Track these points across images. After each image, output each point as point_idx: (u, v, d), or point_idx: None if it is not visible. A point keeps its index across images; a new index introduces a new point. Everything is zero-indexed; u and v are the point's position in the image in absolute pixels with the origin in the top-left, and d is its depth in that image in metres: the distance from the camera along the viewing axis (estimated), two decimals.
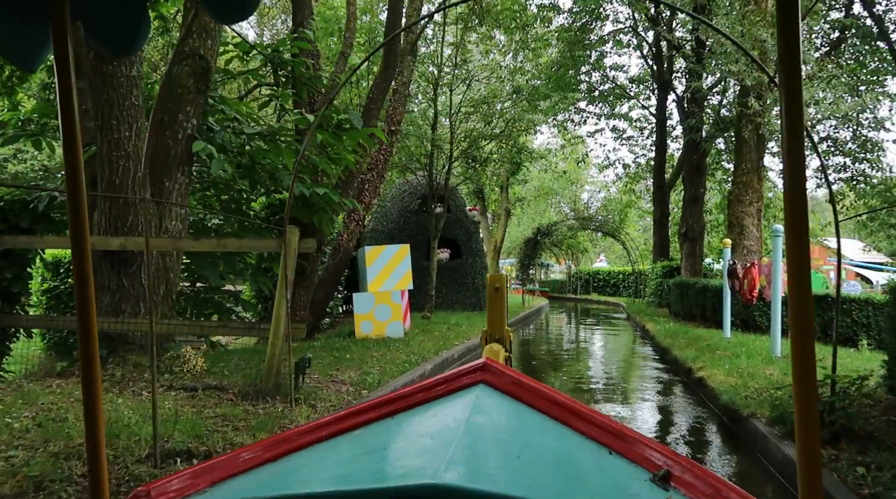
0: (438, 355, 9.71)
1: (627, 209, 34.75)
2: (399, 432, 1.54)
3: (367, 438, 1.54)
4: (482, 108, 16.98)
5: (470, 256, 20.20)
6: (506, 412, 1.59)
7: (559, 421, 1.57)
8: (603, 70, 24.70)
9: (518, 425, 1.54)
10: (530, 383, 1.67)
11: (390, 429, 1.57)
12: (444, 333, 12.96)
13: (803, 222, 0.91)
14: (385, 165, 13.62)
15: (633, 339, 15.74)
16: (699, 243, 20.93)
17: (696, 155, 20.50)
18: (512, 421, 1.55)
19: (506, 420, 1.54)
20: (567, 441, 1.50)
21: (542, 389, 1.65)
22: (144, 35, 1.27)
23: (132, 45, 1.27)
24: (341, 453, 1.48)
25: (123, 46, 1.29)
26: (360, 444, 1.51)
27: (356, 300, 11.85)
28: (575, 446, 1.49)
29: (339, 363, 8.49)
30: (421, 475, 1.15)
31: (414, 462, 1.27)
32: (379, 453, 1.42)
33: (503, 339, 3.30)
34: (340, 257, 12.84)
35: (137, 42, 1.27)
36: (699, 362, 8.74)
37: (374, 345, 10.47)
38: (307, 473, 1.40)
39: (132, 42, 1.26)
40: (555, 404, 1.60)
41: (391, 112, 13.77)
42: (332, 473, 1.37)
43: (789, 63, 0.92)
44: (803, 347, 0.92)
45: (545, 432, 1.53)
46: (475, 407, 1.54)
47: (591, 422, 1.54)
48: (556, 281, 44.35)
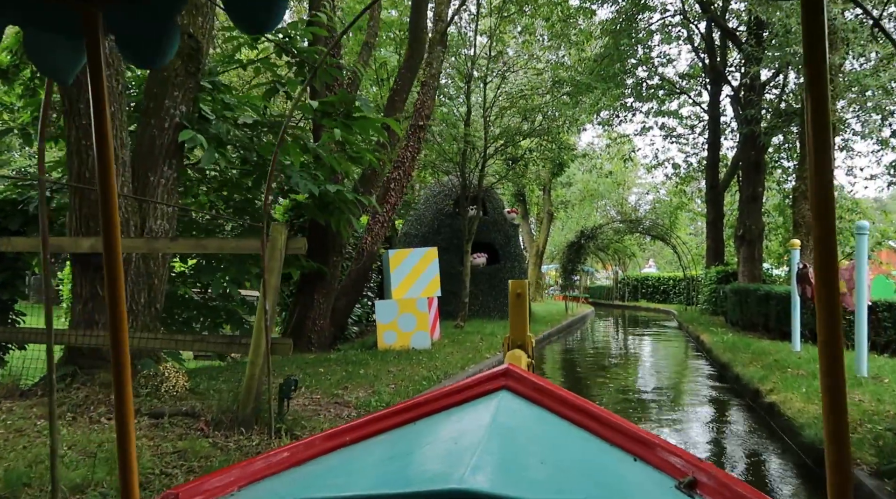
0: (464, 370, 8.66)
1: (678, 211, 32.90)
2: (423, 437, 1.56)
3: (391, 443, 1.57)
4: (519, 103, 15.86)
5: (508, 261, 19.07)
6: (529, 418, 1.60)
7: (583, 427, 1.57)
8: (650, 65, 23.24)
9: (541, 431, 1.56)
10: (553, 389, 1.67)
11: (414, 434, 1.59)
12: (476, 344, 11.90)
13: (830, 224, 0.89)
14: (412, 164, 12.68)
15: (687, 351, 14.32)
16: (758, 246, 19.28)
17: (754, 151, 18.88)
18: (535, 427, 1.57)
19: (529, 426, 1.56)
20: (591, 447, 1.51)
21: (565, 394, 1.65)
22: (174, 47, 1.29)
23: (162, 56, 1.28)
24: (366, 458, 1.50)
25: (154, 58, 1.29)
26: (385, 449, 1.53)
27: (378, 308, 10.91)
28: (599, 453, 1.49)
29: (349, 380, 7.54)
30: (445, 481, 1.14)
31: (438, 467, 1.27)
32: (403, 458, 1.44)
33: (525, 345, 3.35)
34: (364, 262, 11.94)
35: (167, 54, 1.28)
36: (768, 383, 7.42)
37: (395, 358, 9.50)
38: (333, 477, 1.42)
39: (162, 54, 1.27)
40: (578, 410, 1.60)
41: (419, 106, 12.83)
42: (357, 477, 1.37)
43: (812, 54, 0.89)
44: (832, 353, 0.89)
45: (569, 438, 1.54)
46: (498, 412, 1.55)
47: (615, 428, 1.53)
48: (602, 287, 42.68)
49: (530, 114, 15.48)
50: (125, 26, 1.25)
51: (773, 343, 11.44)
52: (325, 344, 11.27)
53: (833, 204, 0.89)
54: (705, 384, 9.52)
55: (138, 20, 1.24)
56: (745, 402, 7.82)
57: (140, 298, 6.10)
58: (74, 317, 5.95)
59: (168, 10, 1.23)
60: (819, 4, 0.88)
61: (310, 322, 10.99)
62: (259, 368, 4.85)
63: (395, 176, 12.31)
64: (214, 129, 7.01)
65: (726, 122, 24.92)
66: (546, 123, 15.88)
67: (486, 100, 14.93)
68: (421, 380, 7.72)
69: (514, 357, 3.07)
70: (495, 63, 15.58)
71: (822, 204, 0.88)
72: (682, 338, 17.28)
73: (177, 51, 1.29)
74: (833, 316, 0.88)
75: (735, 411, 7.63)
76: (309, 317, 11.01)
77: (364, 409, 6.11)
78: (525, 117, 15.57)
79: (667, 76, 24.98)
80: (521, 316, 3.38)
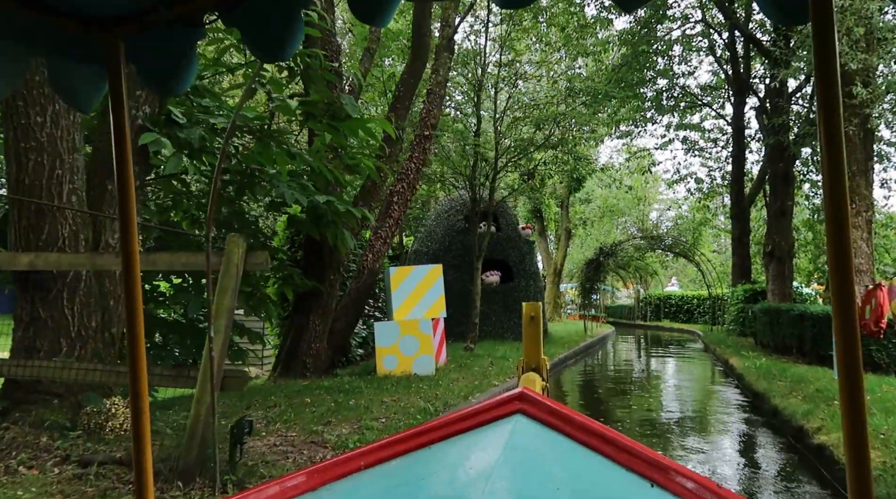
0: (467, 401, 7.79)
1: (701, 228, 31.71)
2: (436, 463, 1.56)
3: (405, 468, 1.57)
4: (533, 114, 15.06)
5: (523, 279, 18.17)
6: (544, 443, 1.60)
7: (599, 452, 1.55)
8: (671, 75, 22.38)
9: (556, 456, 1.55)
10: (568, 413, 1.66)
11: (427, 460, 1.59)
12: (485, 369, 11.01)
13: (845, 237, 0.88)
14: (417, 176, 11.93)
15: (715, 377, 13.25)
16: (788, 263, 18.19)
17: (783, 162, 17.87)
18: (550, 452, 1.57)
19: (544, 451, 1.56)
20: (607, 473, 1.49)
21: (581, 419, 1.64)
22: (192, 75, 1.32)
23: (181, 84, 1.31)
24: (380, 484, 1.50)
25: (172, 86, 1.32)
26: (399, 474, 1.54)
27: (378, 331, 10.10)
28: (615, 479, 1.48)
29: (336, 413, 6.72)
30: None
31: (452, 495, 1.31)
32: (417, 484, 1.44)
33: (539, 367, 3.36)
34: (365, 280, 11.16)
35: (186, 82, 1.32)
36: (814, 420, 6.45)
37: (393, 386, 8.66)
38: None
39: (180, 81, 1.30)
40: (594, 435, 1.58)
41: (425, 115, 12.12)
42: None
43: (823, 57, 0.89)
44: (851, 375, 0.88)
45: (584, 464, 1.53)
46: (512, 438, 1.56)
47: (632, 453, 1.52)
48: (623, 306, 41.40)
49: (544, 124, 14.67)
50: (145, 56, 1.31)
51: (811, 369, 10.39)
52: (322, 369, 10.47)
53: (847, 222, 0.87)
54: (738, 418, 8.50)
55: (158, 50, 1.29)
56: (787, 441, 6.81)
57: (90, 322, 5.36)
58: (15, 343, 5.23)
59: (186, 41, 1.28)
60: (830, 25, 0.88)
61: (304, 345, 10.22)
62: (206, 406, 4.06)
63: (399, 189, 11.57)
64: (185, 134, 6.31)
65: (750, 135, 24.00)
66: (561, 134, 15.04)
67: (497, 109, 14.16)
68: (416, 412, 6.87)
69: (528, 380, 3.05)
70: (507, 71, 14.82)
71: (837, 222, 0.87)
72: (709, 361, 16.18)
73: None
74: (851, 338, 0.87)
75: (776, 452, 6.62)
76: (304, 339, 10.24)
77: (343, 450, 5.27)
78: (539, 127, 14.76)
79: (688, 88, 24.12)
80: (534, 339, 3.38)
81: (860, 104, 11.56)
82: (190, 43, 1.26)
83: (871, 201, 12.34)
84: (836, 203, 0.87)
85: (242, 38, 1.14)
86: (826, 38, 0.88)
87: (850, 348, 0.86)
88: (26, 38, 1.18)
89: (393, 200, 11.51)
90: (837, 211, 0.87)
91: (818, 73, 0.88)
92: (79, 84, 1.31)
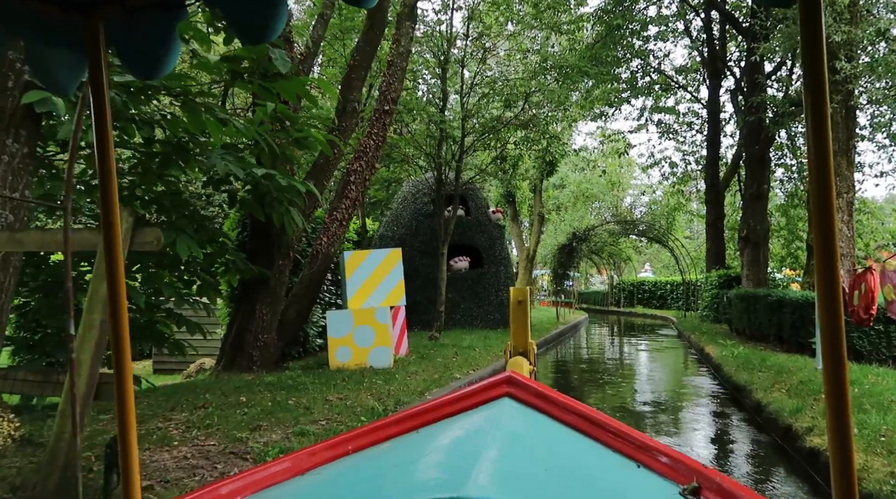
0: (422, 397, 7.05)
1: (675, 213, 31.32)
2: (425, 445, 1.56)
3: (394, 451, 1.56)
4: (503, 91, 14.25)
5: (493, 265, 17.48)
6: (531, 426, 1.60)
7: (586, 434, 1.56)
8: (646, 57, 21.75)
9: (544, 439, 1.55)
10: (556, 396, 1.66)
11: (416, 443, 1.58)
12: (450, 359, 10.30)
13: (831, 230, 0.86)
14: (377, 153, 11.07)
15: (690, 367, 12.71)
16: (763, 248, 17.76)
17: (759, 144, 17.36)
18: (538, 434, 1.57)
19: (532, 434, 1.57)
20: (594, 454, 1.50)
21: (568, 402, 1.64)
22: (174, 59, 1.29)
23: (162, 68, 1.29)
24: (369, 467, 1.49)
25: (154, 70, 1.29)
26: (388, 457, 1.51)
27: (330, 321, 9.29)
28: (602, 460, 1.48)
29: (270, 415, 5.93)
30: (449, 489, 1.14)
31: (442, 476, 1.27)
32: (407, 467, 1.42)
33: (527, 352, 3.40)
34: (319, 266, 10.31)
35: (168, 66, 1.29)
36: (804, 418, 5.82)
37: (343, 381, 7.89)
38: (335, 486, 1.41)
39: (162, 65, 1.28)
40: (581, 417, 1.59)
41: (385, 88, 11.25)
42: (359, 487, 1.38)
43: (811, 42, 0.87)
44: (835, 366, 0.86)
45: (572, 446, 1.53)
46: (500, 420, 1.56)
47: (619, 434, 1.53)
48: (597, 292, 41.12)
49: (514, 101, 13.89)
50: (125, 38, 1.27)
51: (791, 358, 9.88)
52: (271, 361, 9.64)
53: (833, 206, 0.86)
54: (718, 415, 7.87)
55: (138, 32, 1.26)
56: (775, 441, 6.16)
57: None
58: None
59: (167, 22, 1.24)
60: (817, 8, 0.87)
61: (250, 337, 9.37)
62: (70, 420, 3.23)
63: (356, 167, 10.72)
64: None
65: (725, 119, 23.59)
66: (532, 111, 14.28)
67: (464, 84, 13.33)
68: (363, 412, 6.11)
69: (516, 365, 3.06)
70: (475, 43, 13.99)
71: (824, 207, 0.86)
72: (685, 349, 15.68)
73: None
74: (835, 325, 0.86)
75: (766, 457, 5.94)
76: (250, 330, 9.38)
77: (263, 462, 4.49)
78: (508, 106, 13.97)
79: (663, 70, 23.58)
80: (522, 323, 3.41)
81: (843, 80, 10.99)
82: (171, 25, 1.22)
83: (853, 182, 11.83)
84: (823, 186, 0.85)
85: (225, 20, 1.21)
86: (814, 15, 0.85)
87: (835, 337, 0.85)
88: (4, 21, 1.16)
89: (350, 179, 10.66)
90: (823, 194, 0.85)
91: (805, 47, 0.86)
92: (58, 67, 1.29)
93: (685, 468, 1.38)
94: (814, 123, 0.86)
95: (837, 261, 0.87)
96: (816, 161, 0.86)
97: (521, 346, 3.40)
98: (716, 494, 1.31)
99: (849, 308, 7.34)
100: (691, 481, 1.35)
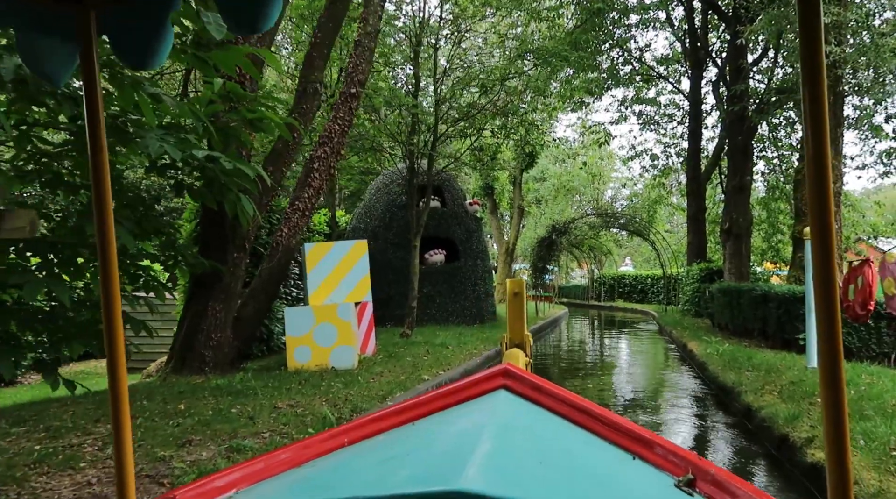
0: (384, 402, 6.41)
1: (656, 206, 30.92)
2: (421, 437, 1.55)
3: (390, 443, 1.55)
4: (479, 77, 13.59)
5: (470, 259, 16.86)
6: (527, 417, 1.59)
7: (582, 426, 1.56)
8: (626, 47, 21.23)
9: (540, 431, 1.54)
10: (552, 388, 1.67)
11: (412, 435, 1.57)
12: (420, 359, 9.67)
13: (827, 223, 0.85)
14: (342, 139, 10.37)
15: (673, 364, 12.22)
16: (746, 241, 17.33)
17: (742, 135, 16.89)
18: (534, 426, 1.55)
19: (528, 425, 1.55)
20: (590, 446, 1.50)
21: (564, 394, 1.65)
22: (167, 48, 1.29)
23: (155, 58, 1.28)
24: (365, 459, 1.48)
25: (147, 59, 1.29)
26: (384, 449, 1.51)
27: (288, 318, 8.61)
28: (598, 452, 1.48)
29: (207, 426, 5.25)
30: (443, 482, 1.13)
31: (437, 468, 1.25)
32: (402, 458, 1.41)
33: (523, 344, 3.44)
34: (279, 259, 9.60)
35: (161, 55, 1.28)
36: (801, 426, 5.26)
37: (299, 384, 7.23)
38: (330, 478, 1.39)
39: (155, 55, 1.27)
40: (577, 409, 1.60)
41: (352, 70, 10.53)
42: (356, 479, 1.35)
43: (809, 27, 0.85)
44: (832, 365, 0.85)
45: (568, 438, 1.52)
46: (496, 412, 1.54)
47: (614, 427, 1.53)
48: (577, 286, 40.73)
49: (491, 87, 13.25)
50: (118, 27, 1.27)
51: (778, 355, 9.39)
52: (226, 362, 8.93)
53: (830, 197, 0.84)
54: (706, 420, 7.31)
55: (130, 21, 1.25)
56: (768, 452, 5.56)
57: None
58: None
59: (160, 11, 1.23)
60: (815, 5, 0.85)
61: (202, 336, 8.66)
62: None
63: (320, 154, 10.01)
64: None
65: (706, 110, 23.22)
66: (510, 98, 13.65)
67: (437, 67, 12.67)
68: (313, 422, 5.45)
69: (512, 356, 3.14)
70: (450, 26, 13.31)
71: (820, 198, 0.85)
72: (666, 344, 15.21)
73: None
74: (831, 321, 0.85)
75: (763, 473, 5.33)
76: (202, 329, 8.67)
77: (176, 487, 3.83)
78: (485, 91, 13.33)
79: (644, 61, 23.10)
80: (519, 315, 3.47)
81: (832, 64, 10.52)
82: (164, 14, 1.21)
83: (840, 172, 11.39)
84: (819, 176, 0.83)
85: (219, 10, 1.10)
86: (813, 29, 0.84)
87: (831, 334, 0.84)
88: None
89: (313, 166, 9.95)
90: (820, 185, 0.84)
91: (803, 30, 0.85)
92: (50, 57, 1.26)
93: (680, 460, 1.39)
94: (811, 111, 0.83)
95: (834, 255, 0.84)
96: (814, 152, 0.83)
97: (518, 338, 3.41)
98: (711, 485, 1.32)
99: (843, 304, 6.83)
100: (686, 472, 1.36)
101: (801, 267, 12.02)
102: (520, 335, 3.42)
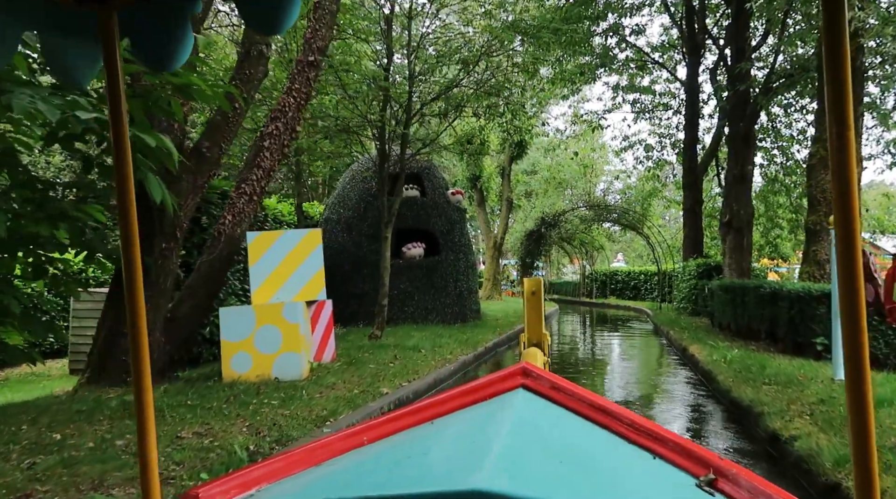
0: (320, 430, 5.12)
1: (651, 198, 29.72)
2: (439, 437, 1.53)
3: (408, 442, 1.54)
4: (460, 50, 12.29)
5: (451, 253, 15.60)
6: (547, 417, 1.58)
7: (601, 425, 1.55)
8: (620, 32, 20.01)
9: (559, 430, 1.53)
10: (570, 387, 1.65)
11: (432, 433, 1.57)
12: (385, 365, 8.40)
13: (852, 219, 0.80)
14: (298, 114, 9.05)
15: (671, 372, 10.99)
16: (747, 235, 16.12)
17: (744, 121, 15.67)
18: (553, 426, 1.55)
19: (547, 425, 1.54)
20: (609, 446, 1.49)
21: (583, 393, 1.63)
22: (187, 49, 1.28)
23: (176, 59, 1.28)
24: (384, 458, 1.47)
25: (168, 61, 1.28)
26: (403, 448, 1.50)
27: (224, 319, 7.32)
28: (618, 451, 1.47)
29: (71, 467, 3.96)
30: (463, 481, 1.11)
31: (456, 467, 1.24)
32: (421, 457, 1.40)
33: (541, 343, 3.48)
34: (221, 251, 8.29)
35: (181, 56, 1.27)
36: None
37: (226, 402, 5.94)
38: (349, 477, 1.38)
39: (176, 55, 1.27)
40: (596, 409, 1.59)
41: (310, 36, 9.22)
42: (373, 478, 1.34)
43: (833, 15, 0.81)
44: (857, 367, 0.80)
45: (587, 437, 1.52)
46: (515, 412, 1.52)
47: (634, 426, 1.52)
48: (568, 283, 39.59)
49: (472, 61, 11.96)
50: (139, 28, 1.26)
51: (794, 362, 8.18)
52: (155, 371, 7.63)
53: (854, 189, 0.79)
54: (726, 454, 6.07)
55: (152, 22, 1.25)
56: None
57: None
58: None
59: (181, 12, 1.24)
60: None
61: (124, 340, 7.35)
62: None
63: (272, 130, 8.69)
64: None
65: (703, 100, 22.05)
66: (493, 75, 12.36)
67: (411, 38, 11.35)
68: (215, 463, 4.17)
69: (530, 356, 3.08)
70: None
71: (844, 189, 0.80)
72: (659, 347, 14.00)
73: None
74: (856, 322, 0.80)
75: None
76: (123, 332, 7.36)
77: None
78: (466, 66, 12.04)
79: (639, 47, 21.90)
80: (536, 314, 3.48)
81: (853, 33, 9.30)
82: (185, 15, 1.23)
83: (861, 157, 10.19)
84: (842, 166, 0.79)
85: (238, 11, 1.07)
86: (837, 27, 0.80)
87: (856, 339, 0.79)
88: (19, 12, 1.14)
89: (264, 144, 8.63)
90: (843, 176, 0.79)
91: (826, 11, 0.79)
92: (73, 58, 1.28)
93: (701, 460, 1.38)
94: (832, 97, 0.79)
95: (859, 250, 0.79)
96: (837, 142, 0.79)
97: (536, 337, 3.44)
98: (732, 485, 1.30)
99: (886, 306, 5.60)
100: (707, 472, 1.35)
101: (816, 262, 10.85)
102: (538, 335, 3.42)
